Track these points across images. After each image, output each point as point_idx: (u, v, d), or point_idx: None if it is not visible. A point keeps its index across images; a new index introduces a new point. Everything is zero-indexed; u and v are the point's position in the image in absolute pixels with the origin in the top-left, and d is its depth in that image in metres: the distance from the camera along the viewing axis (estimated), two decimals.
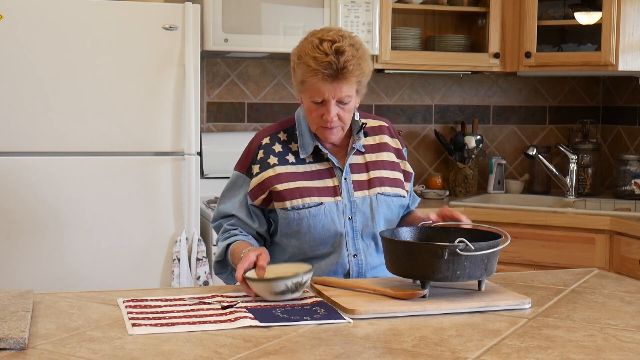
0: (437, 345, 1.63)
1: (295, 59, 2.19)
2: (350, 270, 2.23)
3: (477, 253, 1.88)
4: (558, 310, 1.92)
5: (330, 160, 2.26)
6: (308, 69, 2.12)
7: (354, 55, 2.12)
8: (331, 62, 2.09)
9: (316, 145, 2.25)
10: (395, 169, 2.33)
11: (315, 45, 2.12)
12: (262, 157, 2.26)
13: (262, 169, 2.24)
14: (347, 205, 2.23)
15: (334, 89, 2.12)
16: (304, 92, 2.18)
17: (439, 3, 4.12)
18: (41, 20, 3.11)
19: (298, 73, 2.17)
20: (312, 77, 2.12)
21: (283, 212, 2.22)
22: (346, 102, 2.16)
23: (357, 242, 2.24)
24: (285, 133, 2.30)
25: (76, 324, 1.75)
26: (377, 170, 2.29)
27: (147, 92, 3.24)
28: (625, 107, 4.38)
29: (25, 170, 3.13)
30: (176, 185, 3.28)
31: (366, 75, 2.18)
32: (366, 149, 2.31)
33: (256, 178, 2.24)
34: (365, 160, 2.30)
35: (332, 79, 2.11)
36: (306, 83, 2.15)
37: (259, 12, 3.57)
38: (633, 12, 3.80)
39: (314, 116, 2.19)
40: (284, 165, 2.24)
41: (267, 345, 1.62)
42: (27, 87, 3.11)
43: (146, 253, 3.26)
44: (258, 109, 4.08)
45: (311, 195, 2.21)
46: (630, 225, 3.38)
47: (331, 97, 2.13)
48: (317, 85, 2.12)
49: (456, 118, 4.43)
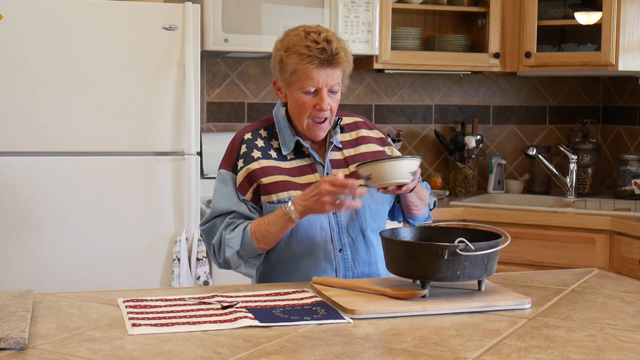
0: (437, 345, 1.63)
1: (282, 53, 2.19)
2: (337, 265, 2.23)
3: (477, 253, 1.88)
4: (558, 310, 1.92)
5: (311, 155, 2.27)
6: (301, 57, 2.14)
7: (341, 45, 2.19)
8: (325, 48, 2.14)
9: (297, 141, 2.26)
10: (378, 157, 2.32)
11: (302, 36, 2.17)
12: (245, 151, 2.26)
13: (245, 163, 2.25)
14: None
15: (327, 76, 2.16)
16: (295, 83, 2.18)
17: (439, 3, 4.12)
18: (41, 20, 3.11)
19: (288, 64, 2.17)
20: (306, 64, 2.14)
21: (269, 206, 2.22)
22: (336, 91, 2.20)
23: (343, 237, 2.24)
24: (266, 130, 2.31)
25: (76, 324, 1.75)
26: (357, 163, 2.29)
27: (147, 92, 3.24)
28: (625, 107, 4.38)
29: (25, 170, 3.13)
30: (176, 185, 3.28)
31: (350, 66, 2.23)
32: (343, 145, 2.32)
33: (242, 171, 2.24)
34: (344, 155, 2.31)
35: (325, 65, 2.14)
36: (298, 72, 2.16)
37: (259, 12, 3.57)
38: (633, 12, 3.80)
39: (305, 108, 2.19)
40: (267, 160, 2.25)
41: (267, 345, 1.62)
42: (27, 87, 3.11)
43: (146, 253, 3.26)
44: (258, 109, 4.08)
45: (296, 189, 2.21)
46: (630, 225, 3.38)
47: (324, 84, 2.16)
48: (311, 73, 2.15)
49: (456, 118, 4.43)
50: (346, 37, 3.66)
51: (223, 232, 2.24)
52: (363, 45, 3.71)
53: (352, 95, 4.22)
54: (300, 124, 2.23)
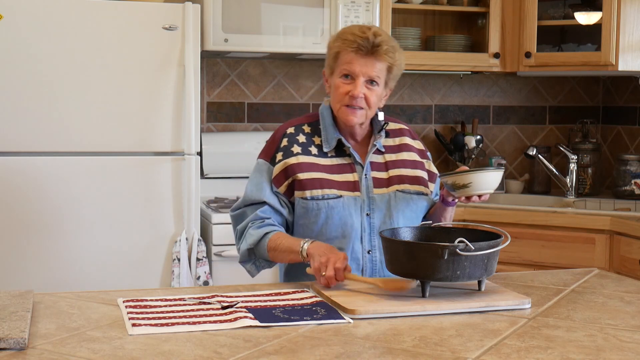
0: (437, 345, 1.63)
1: (332, 41, 2.27)
2: (364, 266, 2.25)
3: (476, 253, 1.88)
4: (558, 310, 1.92)
5: (352, 155, 2.28)
6: (345, 42, 2.20)
7: (389, 42, 2.22)
8: (368, 37, 2.18)
9: (339, 140, 2.27)
10: (418, 167, 2.35)
11: (355, 27, 2.24)
12: (285, 145, 2.28)
13: (284, 157, 2.27)
14: (365, 201, 2.25)
15: (366, 64, 2.19)
16: (336, 68, 2.23)
17: (439, 3, 4.12)
18: (41, 20, 3.11)
19: (333, 49, 2.24)
20: (347, 48, 2.19)
21: (302, 202, 2.24)
22: (375, 83, 2.21)
23: (373, 239, 2.25)
24: (310, 126, 2.33)
25: (76, 324, 1.75)
26: (397, 168, 2.31)
27: (147, 92, 3.24)
28: (625, 107, 4.38)
29: (25, 170, 3.13)
30: (176, 185, 3.28)
31: (397, 66, 2.25)
32: (386, 149, 2.34)
33: (279, 164, 2.26)
34: (385, 159, 2.32)
35: (364, 53, 2.18)
36: (340, 56, 2.21)
37: (259, 12, 3.56)
38: (633, 12, 3.80)
39: (340, 92, 2.22)
40: (306, 156, 2.27)
41: (267, 345, 1.62)
42: (27, 87, 3.11)
43: (146, 253, 3.26)
44: (258, 109, 4.08)
45: (331, 187, 2.23)
46: (630, 225, 3.38)
47: (361, 72, 2.19)
48: (350, 58, 2.19)
49: (456, 118, 4.43)
50: None
51: (250, 224, 2.26)
52: None
53: None
54: (335, 110, 2.26)
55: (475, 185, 2.11)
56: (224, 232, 3.32)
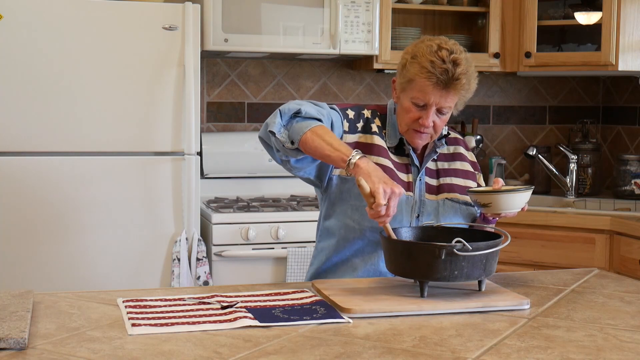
0: (437, 345, 1.63)
1: (408, 57, 2.17)
2: None
3: (474, 253, 1.88)
4: (558, 310, 1.92)
5: (410, 156, 2.26)
6: (422, 70, 2.11)
7: (467, 71, 2.14)
8: (447, 69, 2.09)
9: (401, 139, 2.25)
10: (469, 178, 2.33)
11: (434, 50, 2.12)
12: (363, 124, 2.25)
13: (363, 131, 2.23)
14: (417, 203, 2.24)
15: (440, 97, 2.13)
16: (409, 91, 2.17)
17: (439, 3, 4.12)
18: (41, 20, 3.12)
19: (409, 71, 2.15)
20: (424, 79, 2.11)
21: (340, 180, 2.22)
22: (445, 113, 2.18)
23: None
24: (380, 119, 2.31)
25: (76, 324, 1.75)
26: (448, 177, 2.30)
27: (147, 92, 3.24)
28: (625, 107, 4.38)
29: (25, 170, 3.13)
30: (176, 185, 3.28)
31: (470, 93, 2.21)
32: (439, 157, 2.32)
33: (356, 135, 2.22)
34: (437, 167, 2.31)
35: (442, 86, 2.11)
36: (414, 83, 2.14)
37: (259, 12, 3.57)
38: (633, 12, 3.80)
39: (409, 117, 2.18)
40: (381, 139, 2.25)
41: (267, 345, 1.62)
42: (27, 87, 3.11)
43: (146, 253, 3.26)
44: (258, 109, 4.08)
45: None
46: (630, 225, 3.38)
47: (435, 103, 2.14)
48: (426, 88, 2.12)
49: (456, 118, 4.42)
50: (346, 37, 3.66)
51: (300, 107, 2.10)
52: (363, 45, 3.71)
53: (352, 95, 4.22)
54: (402, 130, 2.24)
55: (495, 205, 2.11)
56: (224, 232, 3.33)
